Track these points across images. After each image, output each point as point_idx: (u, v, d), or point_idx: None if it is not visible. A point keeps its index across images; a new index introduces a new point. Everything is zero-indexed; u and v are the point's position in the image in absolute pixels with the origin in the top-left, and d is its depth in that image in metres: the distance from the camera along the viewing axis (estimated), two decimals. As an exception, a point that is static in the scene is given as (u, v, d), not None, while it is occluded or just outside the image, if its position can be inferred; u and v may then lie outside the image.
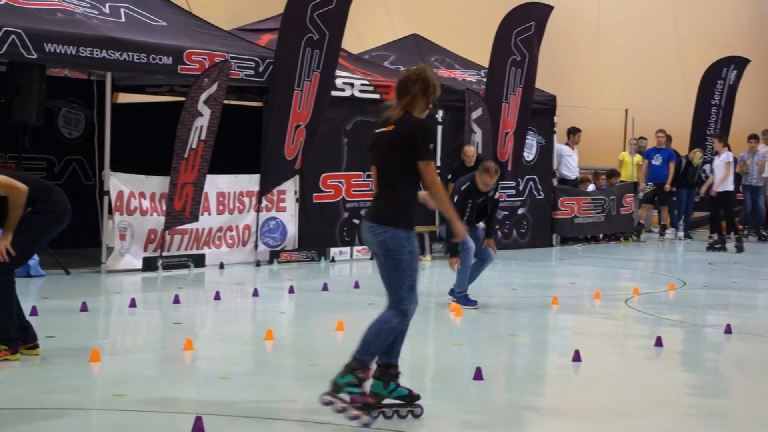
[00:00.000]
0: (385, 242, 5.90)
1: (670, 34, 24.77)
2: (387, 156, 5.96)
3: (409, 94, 5.97)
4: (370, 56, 18.38)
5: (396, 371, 6.12)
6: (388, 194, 5.96)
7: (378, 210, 5.97)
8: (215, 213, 13.98)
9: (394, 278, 5.96)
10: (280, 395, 6.83)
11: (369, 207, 6.18)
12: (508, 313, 10.48)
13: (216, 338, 9.05)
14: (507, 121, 17.31)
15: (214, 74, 13.24)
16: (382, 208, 5.95)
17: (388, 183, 5.96)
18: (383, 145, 6.00)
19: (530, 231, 18.30)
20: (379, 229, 5.92)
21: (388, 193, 5.96)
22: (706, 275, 14.74)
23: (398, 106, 6.00)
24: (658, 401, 6.82)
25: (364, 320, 10.24)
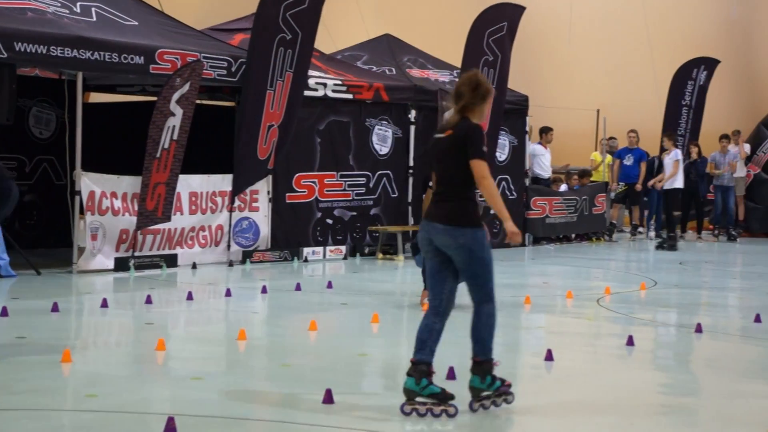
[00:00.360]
0: (467, 244, 6.11)
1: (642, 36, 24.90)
2: (446, 160, 6.21)
3: (463, 98, 6.24)
4: (342, 56, 18.38)
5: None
6: (455, 197, 6.16)
7: (450, 212, 6.14)
8: (188, 213, 13.93)
9: (482, 275, 6.20)
10: (252, 395, 6.81)
11: (433, 209, 6.28)
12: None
13: (188, 338, 9.02)
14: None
15: (186, 74, 13.19)
16: (454, 211, 6.13)
17: (453, 186, 6.18)
18: (441, 150, 6.24)
19: (503, 231, 18.32)
20: (458, 231, 6.10)
21: (455, 196, 6.16)
22: (677, 275, 14.82)
23: (455, 112, 6.23)
24: (629, 400, 6.85)
25: (337, 320, 10.27)
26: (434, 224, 6.17)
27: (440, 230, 6.15)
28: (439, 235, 6.16)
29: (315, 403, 6.38)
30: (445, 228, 6.12)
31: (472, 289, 6.28)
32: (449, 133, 6.22)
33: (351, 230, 16.06)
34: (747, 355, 8.88)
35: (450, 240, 6.12)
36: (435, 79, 17.94)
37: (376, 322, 9.70)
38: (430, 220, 6.22)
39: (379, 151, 16.40)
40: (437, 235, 6.17)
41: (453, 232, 6.11)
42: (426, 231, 6.25)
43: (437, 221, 6.16)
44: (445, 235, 6.13)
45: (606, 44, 25.25)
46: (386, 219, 16.47)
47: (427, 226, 6.24)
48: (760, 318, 10.27)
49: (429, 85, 17.25)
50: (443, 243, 6.16)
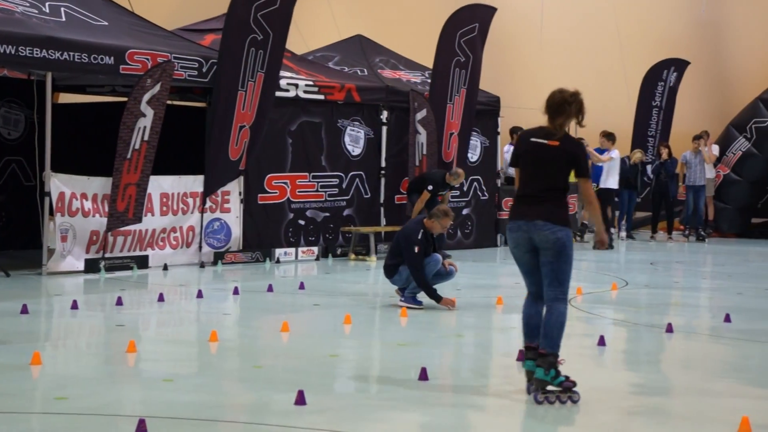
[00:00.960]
0: (561, 240, 6.62)
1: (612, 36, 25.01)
2: (550, 166, 6.72)
3: (564, 113, 6.76)
4: (314, 57, 18.36)
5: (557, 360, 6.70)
6: (553, 198, 6.70)
7: (550, 212, 6.65)
8: (159, 214, 13.87)
9: (565, 272, 6.69)
10: (224, 397, 6.78)
11: (527, 209, 6.71)
12: (454, 314, 10.52)
13: (159, 340, 8.98)
14: (451, 122, 17.38)
15: (156, 74, 13.13)
16: (553, 211, 6.66)
17: (551, 191, 6.71)
18: (547, 157, 6.73)
19: (475, 231, 18.38)
20: (556, 227, 6.62)
21: (553, 197, 6.71)
22: (648, 275, 14.90)
23: (556, 124, 6.77)
24: (601, 400, 6.88)
25: (309, 321, 10.25)
26: (535, 222, 6.63)
27: (541, 226, 6.62)
28: (540, 230, 6.62)
29: (287, 405, 6.37)
30: (545, 224, 6.61)
31: (551, 282, 6.68)
32: (556, 144, 6.74)
33: (323, 231, 16.04)
34: (717, 354, 8.94)
35: (549, 235, 6.60)
36: (407, 80, 17.95)
37: (349, 323, 9.70)
38: (528, 219, 6.66)
39: (351, 152, 16.39)
40: (537, 231, 6.63)
41: (553, 228, 6.61)
42: (524, 230, 6.68)
43: (538, 218, 6.63)
44: (545, 231, 6.60)
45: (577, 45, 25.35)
46: (359, 220, 16.47)
47: (525, 225, 6.68)
48: (729, 318, 10.34)
49: (401, 86, 17.26)
50: (542, 238, 6.63)
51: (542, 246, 6.65)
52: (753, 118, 22.14)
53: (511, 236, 6.80)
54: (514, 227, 6.74)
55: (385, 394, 6.98)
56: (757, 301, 12.10)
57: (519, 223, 6.72)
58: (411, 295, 10.76)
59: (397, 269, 10.77)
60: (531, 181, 6.77)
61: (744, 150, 22.09)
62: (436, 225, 10.73)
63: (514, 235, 6.76)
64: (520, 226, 6.71)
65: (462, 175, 15.84)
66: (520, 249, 6.77)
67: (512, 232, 6.76)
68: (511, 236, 6.79)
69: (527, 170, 6.80)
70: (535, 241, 6.66)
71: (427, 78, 18.13)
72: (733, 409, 6.63)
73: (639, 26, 25.06)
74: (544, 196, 6.69)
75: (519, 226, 6.72)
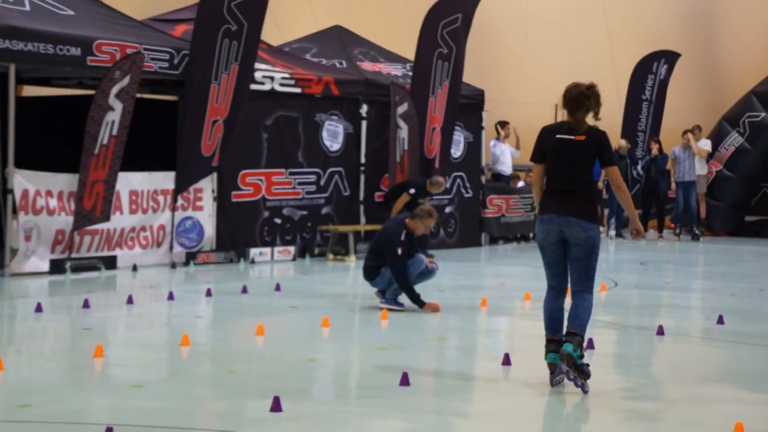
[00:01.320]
0: (593, 237, 7.18)
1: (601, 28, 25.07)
2: (579, 161, 7.22)
3: (583, 107, 7.29)
4: (290, 48, 18.33)
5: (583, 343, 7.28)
6: (583, 195, 7.24)
7: (582, 209, 7.18)
8: (128, 212, 13.83)
9: (593, 267, 7.28)
10: (196, 404, 6.76)
11: (560, 204, 7.21)
12: (437, 316, 10.52)
13: (128, 344, 8.95)
14: (434, 116, 17.38)
15: (126, 66, 13.09)
16: (585, 208, 7.20)
17: (580, 185, 7.24)
18: (574, 151, 7.22)
19: (458, 230, 18.40)
20: (588, 225, 7.16)
21: (584, 194, 7.24)
22: (638, 275, 14.95)
23: (576, 118, 7.28)
24: (589, 406, 6.88)
25: (286, 324, 10.23)
26: (568, 218, 7.16)
27: (573, 223, 7.15)
28: (573, 227, 7.16)
29: (262, 412, 6.35)
30: (578, 221, 7.14)
31: (581, 277, 7.27)
32: (583, 138, 7.23)
33: (300, 230, 16.01)
34: (710, 358, 8.97)
35: (582, 232, 7.15)
36: (387, 72, 17.94)
37: (327, 326, 9.68)
38: (561, 214, 7.18)
39: (329, 148, 16.37)
40: (570, 227, 7.17)
41: (585, 225, 7.15)
42: (556, 224, 7.19)
43: (571, 215, 7.16)
44: (578, 228, 7.15)
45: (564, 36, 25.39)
46: (338, 218, 16.45)
47: (557, 219, 7.19)
48: (722, 320, 10.37)
49: (381, 79, 17.26)
50: (574, 234, 7.17)
51: (573, 242, 7.20)
52: (746, 112, 22.24)
53: (541, 227, 7.28)
54: (546, 219, 7.24)
55: (365, 401, 6.96)
56: (751, 302, 12.16)
57: (551, 216, 7.22)
58: (392, 296, 10.75)
59: (378, 271, 10.76)
60: (561, 176, 7.26)
61: (737, 145, 22.19)
62: (419, 225, 10.72)
63: (545, 227, 7.25)
64: (552, 219, 7.22)
65: (443, 184, 15.83)
66: (549, 241, 7.27)
67: (543, 224, 7.26)
68: (542, 228, 7.28)
69: (556, 166, 7.28)
70: (566, 236, 7.20)
71: (408, 70, 18.13)
72: (726, 415, 6.64)
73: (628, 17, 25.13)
74: (573, 192, 7.22)
75: (551, 219, 7.22)
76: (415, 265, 10.71)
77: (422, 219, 10.71)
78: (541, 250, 7.40)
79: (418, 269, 10.76)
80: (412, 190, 15.58)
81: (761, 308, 11.33)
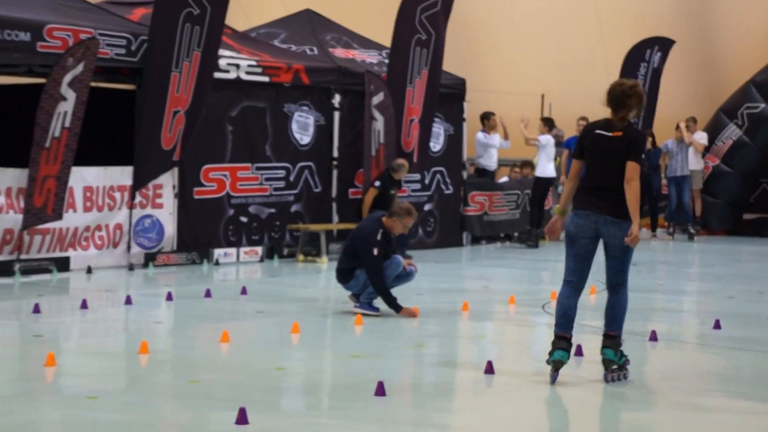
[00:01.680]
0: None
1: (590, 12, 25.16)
2: (612, 158, 7.77)
3: (626, 106, 7.80)
4: (257, 34, 18.31)
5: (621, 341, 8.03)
6: (617, 192, 7.73)
7: (617, 206, 7.73)
8: (82, 210, 13.78)
9: (627, 262, 7.94)
10: (156, 416, 6.75)
11: (596, 201, 7.78)
12: (414, 321, 10.53)
13: (82, 352, 8.93)
14: (412, 107, 17.40)
15: (79, 53, 13.04)
16: (620, 206, 7.72)
17: (614, 182, 7.75)
18: (610, 148, 7.79)
19: (438, 229, 18.43)
20: (625, 224, 7.72)
21: (617, 192, 7.73)
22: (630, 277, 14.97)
23: (618, 116, 7.81)
24: (578, 416, 6.92)
25: (252, 330, 10.22)
26: (605, 216, 7.74)
27: (611, 222, 7.75)
28: (610, 226, 7.76)
29: (227, 425, 6.35)
30: (615, 221, 7.73)
31: (617, 273, 7.96)
32: (619, 135, 7.78)
33: (268, 229, 16.00)
34: (705, 365, 9.02)
35: (619, 231, 7.73)
36: (361, 60, 17.95)
37: (297, 332, 9.69)
38: (598, 213, 7.75)
39: (299, 141, 16.37)
40: (607, 226, 7.76)
41: (622, 224, 7.72)
42: (593, 221, 7.77)
43: (608, 214, 7.74)
44: (615, 228, 7.74)
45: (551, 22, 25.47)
46: (308, 216, 16.44)
47: (594, 216, 7.76)
48: (719, 324, 10.44)
49: (355, 67, 17.26)
50: (611, 233, 7.78)
51: (611, 241, 7.83)
52: (744, 102, 22.36)
53: (575, 222, 7.83)
54: (582, 215, 7.81)
55: (338, 412, 6.97)
56: (749, 306, 12.24)
57: (587, 212, 7.80)
58: (367, 300, 10.76)
59: (352, 273, 10.76)
60: (597, 172, 7.85)
61: (735, 138, 22.31)
62: (398, 225, 10.74)
63: (580, 222, 7.81)
64: (588, 215, 7.80)
65: (405, 166, 15.90)
66: (581, 234, 7.84)
67: (579, 219, 7.82)
68: (576, 222, 7.83)
69: (593, 162, 7.88)
70: (603, 234, 7.82)
71: (384, 58, 18.14)
72: (723, 425, 6.70)
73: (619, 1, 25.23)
74: (607, 189, 7.78)
75: (587, 215, 7.80)
76: (392, 267, 10.73)
77: (401, 218, 10.73)
78: (569, 242, 7.88)
79: (395, 272, 10.77)
80: (377, 183, 15.66)
81: (760, 312, 11.41)
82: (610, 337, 7.96)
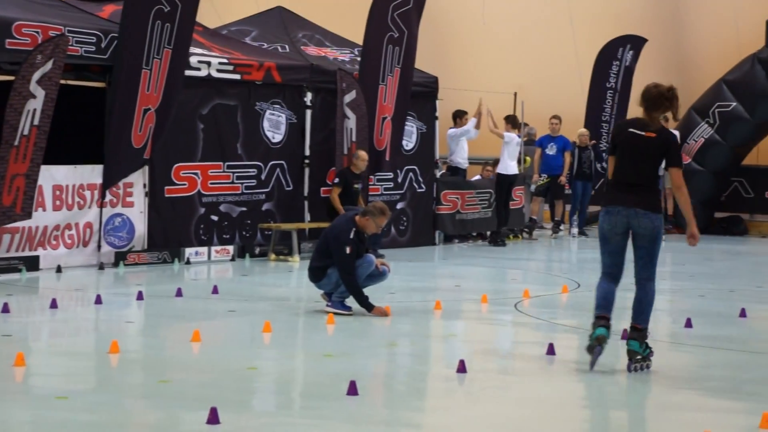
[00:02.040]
0: (658, 227, 8.29)
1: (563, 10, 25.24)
2: (648, 156, 8.31)
3: (661, 108, 8.36)
4: (229, 32, 18.27)
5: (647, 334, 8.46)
6: (649, 188, 8.32)
7: (649, 201, 8.27)
8: (51, 209, 13.72)
9: (655, 255, 8.39)
10: (126, 416, 6.73)
11: (630, 196, 8.26)
12: (387, 320, 10.54)
13: (52, 352, 8.90)
14: (384, 105, 17.41)
15: (48, 50, 12.98)
16: (651, 200, 8.29)
17: (648, 179, 8.31)
18: (644, 147, 8.29)
19: (410, 228, 18.45)
20: (654, 216, 8.25)
21: (650, 187, 8.32)
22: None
23: (653, 117, 8.37)
24: (551, 415, 6.94)
25: (224, 330, 10.21)
26: (635, 209, 8.23)
27: (641, 214, 8.22)
28: (641, 218, 8.23)
29: (198, 424, 6.34)
30: (646, 213, 8.22)
31: (645, 265, 8.39)
32: (654, 135, 8.29)
33: (239, 228, 15.97)
34: (677, 363, 9.06)
35: (649, 223, 8.23)
36: (334, 57, 17.94)
37: (268, 331, 9.67)
38: (628, 206, 8.23)
39: (271, 139, 16.34)
40: (639, 218, 8.23)
41: (652, 217, 8.23)
42: (624, 216, 8.25)
43: (638, 207, 8.23)
44: (646, 219, 8.22)
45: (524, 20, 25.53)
46: (280, 215, 16.42)
47: (624, 211, 8.25)
48: (691, 323, 10.50)
49: (327, 65, 17.25)
50: (642, 225, 8.24)
51: (640, 232, 8.27)
52: (716, 101, 22.47)
53: (607, 218, 8.31)
54: (613, 211, 8.30)
55: (310, 411, 6.98)
56: (720, 304, 12.31)
57: (618, 208, 8.28)
58: (339, 299, 10.76)
59: (325, 272, 10.75)
60: (629, 169, 8.32)
61: (706, 137, 22.41)
62: (371, 224, 10.74)
63: (612, 218, 8.30)
64: (619, 211, 8.27)
65: (363, 157, 15.95)
66: (614, 231, 8.32)
67: (610, 215, 8.31)
68: (608, 218, 8.31)
69: (625, 159, 8.34)
70: (633, 226, 8.26)
71: (356, 56, 18.14)
72: (694, 423, 6.74)
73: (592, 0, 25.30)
74: (641, 185, 8.29)
75: (618, 211, 8.28)
76: (364, 266, 10.73)
77: (374, 216, 10.73)
78: (603, 240, 8.39)
79: (367, 271, 10.77)
80: (336, 180, 15.75)
81: (731, 311, 11.48)
82: (637, 329, 8.35)
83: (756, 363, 9.07)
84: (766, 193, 23.33)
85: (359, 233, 10.71)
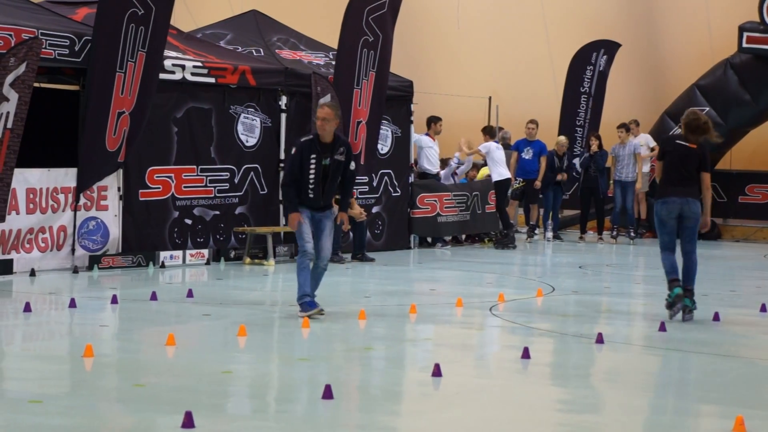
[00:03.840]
0: (698, 212, 11.08)
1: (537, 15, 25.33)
2: (691, 161, 11.10)
3: (700, 133, 11.06)
4: (203, 35, 18.24)
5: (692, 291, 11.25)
6: (691, 183, 11.10)
7: (694, 192, 11.10)
8: (25, 212, 13.66)
9: (696, 234, 11.15)
10: (101, 420, 6.72)
11: (682, 188, 11.06)
12: (362, 324, 10.55)
13: (26, 356, 8.86)
14: (359, 109, 17.42)
15: (21, 53, 12.93)
16: (695, 192, 11.11)
17: (692, 175, 11.10)
18: (689, 154, 11.12)
19: (386, 232, 18.46)
20: (698, 204, 11.08)
21: (691, 182, 11.10)
22: (576, 280, 15.13)
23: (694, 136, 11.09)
24: (525, 419, 6.97)
25: (198, 333, 10.19)
26: (687, 198, 11.04)
27: (691, 202, 11.05)
28: (691, 204, 11.04)
29: (173, 428, 6.33)
30: (694, 201, 11.07)
31: (690, 241, 11.13)
32: (695, 147, 11.10)
33: (214, 231, 15.94)
34: (650, 367, 9.12)
35: (696, 208, 11.06)
36: (308, 61, 17.94)
37: (243, 335, 9.66)
38: (681, 196, 11.04)
39: (245, 143, 16.33)
40: (689, 204, 11.04)
41: (697, 203, 11.08)
42: (678, 204, 11.02)
43: (689, 197, 11.06)
44: (694, 206, 11.06)
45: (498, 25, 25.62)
46: (254, 219, 16.40)
47: (679, 200, 11.03)
48: (665, 327, 10.55)
49: (302, 68, 17.25)
50: (692, 210, 11.04)
51: (688, 215, 11.04)
52: (689, 106, 22.51)
53: (665, 207, 11.04)
54: (670, 201, 11.04)
55: (285, 415, 6.98)
56: (694, 308, 12.36)
57: (674, 198, 11.04)
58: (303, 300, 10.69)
59: None
60: (679, 170, 11.08)
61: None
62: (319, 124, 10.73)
63: (668, 206, 11.03)
64: (675, 201, 11.03)
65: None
66: (671, 216, 11.05)
67: (667, 204, 11.03)
68: (666, 207, 11.04)
69: (674, 163, 11.12)
70: (684, 211, 11.02)
71: (331, 59, 18.15)
72: (668, 427, 6.77)
73: (566, 4, 25.41)
74: (689, 181, 11.08)
75: (674, 201, 11.03)
76: (316, 270, 10.77)
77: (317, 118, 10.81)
78: (661, 224, 11.09)
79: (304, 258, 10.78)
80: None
81: (704, 314, 11.54)
82: (688, 290, 11.01)
83: (729, 367, 9.14)
84: (739, 198, 23.52)
85: (317, 143, 10.67)
